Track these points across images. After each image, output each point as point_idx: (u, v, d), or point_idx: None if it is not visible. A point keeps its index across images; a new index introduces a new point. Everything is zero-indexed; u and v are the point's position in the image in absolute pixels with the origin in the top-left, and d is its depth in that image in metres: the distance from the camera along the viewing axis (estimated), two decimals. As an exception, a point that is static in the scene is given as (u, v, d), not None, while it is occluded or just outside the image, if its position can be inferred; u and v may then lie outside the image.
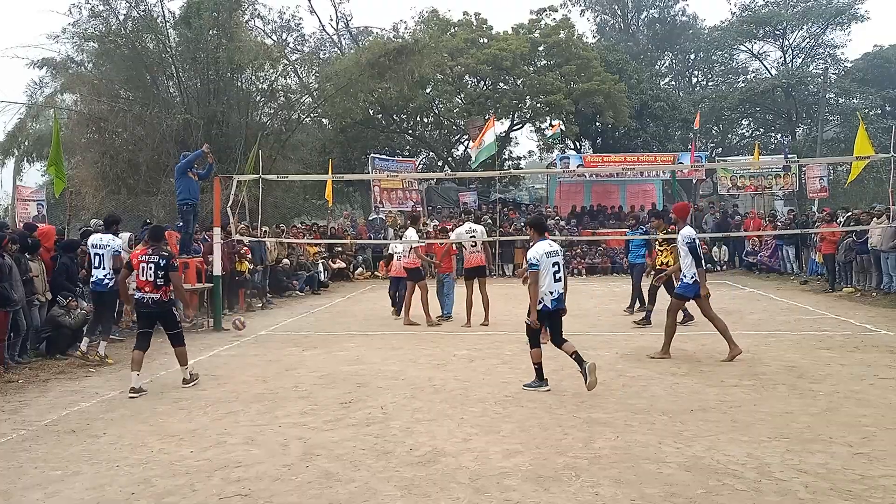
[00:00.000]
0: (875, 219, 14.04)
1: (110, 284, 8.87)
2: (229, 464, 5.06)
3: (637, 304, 12.45)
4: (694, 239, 8.46)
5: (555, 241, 7.54)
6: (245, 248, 14.43)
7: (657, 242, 11.61)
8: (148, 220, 15.50)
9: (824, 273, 16.33)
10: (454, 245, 12.63)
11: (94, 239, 9.19)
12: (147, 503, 4.40)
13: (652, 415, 6.09)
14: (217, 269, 11.81)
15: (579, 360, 6.80)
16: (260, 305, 14.78)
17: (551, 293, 6.97)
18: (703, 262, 8.64)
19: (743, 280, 18.94)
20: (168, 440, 5.64)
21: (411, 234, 12.09)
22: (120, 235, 11.72)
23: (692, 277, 8.39)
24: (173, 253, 8.15)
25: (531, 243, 7.32)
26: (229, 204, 12.45)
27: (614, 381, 7.39)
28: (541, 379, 7.06)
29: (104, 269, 8.94)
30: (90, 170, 19.41)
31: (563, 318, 7.14)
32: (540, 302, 6.93)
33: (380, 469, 4.89)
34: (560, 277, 7.04)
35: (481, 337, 10.40)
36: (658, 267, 11.23)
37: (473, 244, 11.66)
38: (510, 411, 6.32)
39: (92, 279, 9.10)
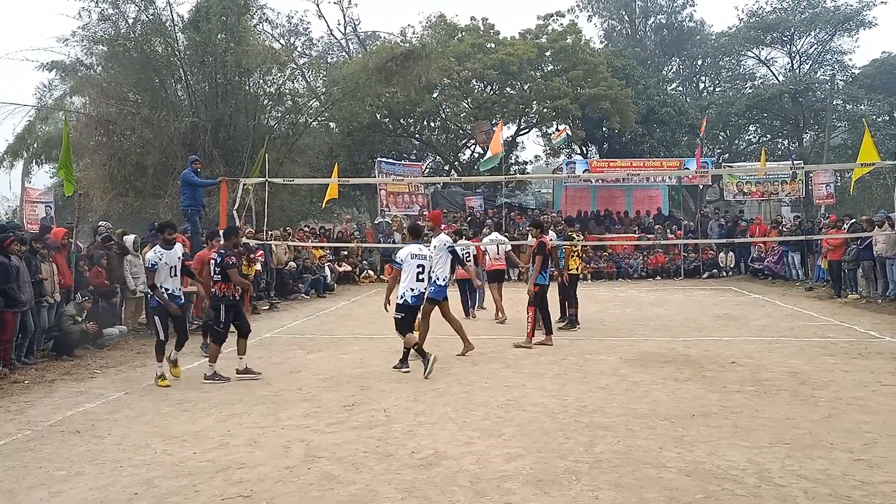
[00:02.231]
0: (877, 227, 14.00)
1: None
2: (232, 465, 5.10)
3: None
4: (452, 245, 9.21)
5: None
6: (259, 251, 14.51)
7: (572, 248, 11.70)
8: (155, 223, 15.59)
9: (830, 280, 16.28)
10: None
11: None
12: (149, 503, 4.45)
13: (653, 420, 6.10)
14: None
15: (421, 353, 7.96)
16: (266, 308, 14.84)
17: (412, 290, 8.05)
18: (465, 262, 10.18)
19: (748, 286, 18.91)
20: (171, 441, 5.69)
21: (496, 236, 13.86)
22: (125, 239, 11.86)
23: (444, 280, 8.85)
24: (231, 251, 8.08)
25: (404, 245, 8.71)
26: (236, 207, 12.53)
27: (617, 386, 7.40)
28: (404, 362, 8.20)
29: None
30: (98, 172, 19.53)
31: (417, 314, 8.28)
32: (401, 297, 8.06)
33: (381, 471, 4.92)
34: (423, 278, 8.12)
35: (484, 341, 10.41)
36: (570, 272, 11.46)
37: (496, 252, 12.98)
38: (512, 415, 6.34)
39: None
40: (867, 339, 10.14)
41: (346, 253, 21.05)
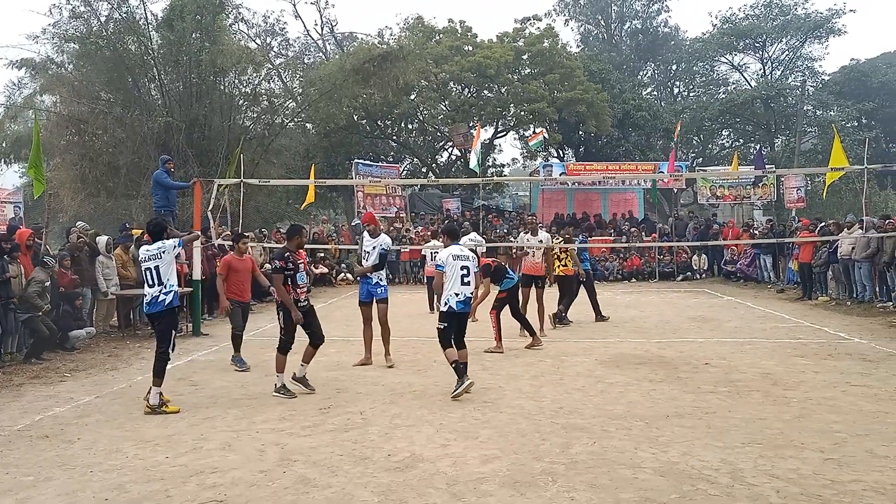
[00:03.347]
0: (846, 230, 14.26)
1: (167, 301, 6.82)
2: (205, 469, 5.03)
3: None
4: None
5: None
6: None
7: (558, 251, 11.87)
8: (127, 224, 15.39)
9: (800, 282, 16.55)
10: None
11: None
12: (121, 508, 4.38)
13: (629, 420, 6.15)
14: (197, 274, 11.73)
15: (464, 371, 7.08)
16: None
17: (457, 295, 7.30)
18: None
19: (721, 288, 19.14)
20: (143, 445, 5.60)
21: (474, 236, 13.58)
22: (97, 240, 11.67)
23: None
24: (281, 254, 7.40)
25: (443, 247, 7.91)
26: (210, 208, 12.38)
27: (592, 388, 7.44)
28: (462, 376, 7.10)
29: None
30: (69, 172, 19.21)
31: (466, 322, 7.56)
32: (445, 304, 7.32)
33: (357, 475, 4.89)
34: (468, 281, 7.38)
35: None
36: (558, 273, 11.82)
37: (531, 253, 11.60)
38: (489, 417, 6.34)
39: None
40: (837, 341, 10.32)
41: (322, 255, 20.92)
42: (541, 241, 11.32)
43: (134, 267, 11.88)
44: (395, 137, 32.99)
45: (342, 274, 21.34)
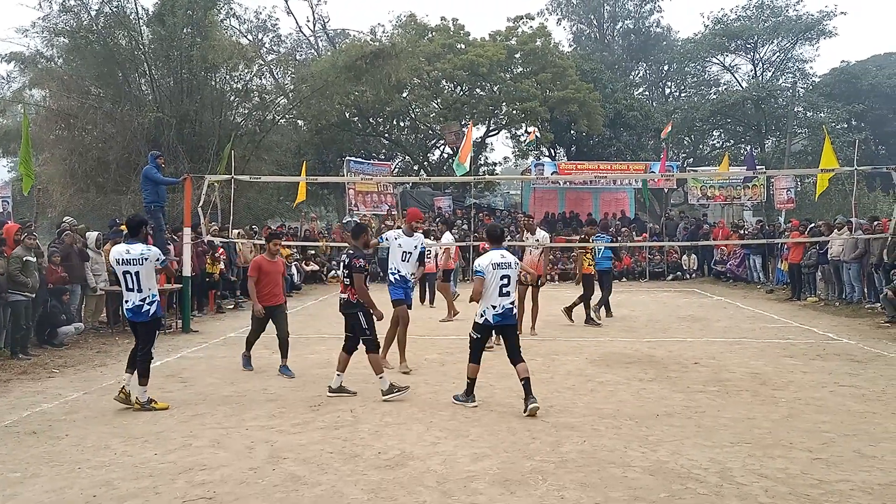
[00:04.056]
0: (836, 230, 14.36)
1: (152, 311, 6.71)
2: (194, 466, 5.01)
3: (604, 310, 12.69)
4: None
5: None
6: (221, 250, 14.36)
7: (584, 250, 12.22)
8: (117, 220, 15.30)
9: (789, 282, 16.65)
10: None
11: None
12: (109, 505, 4.35)
13: (618, 419, 6.16)
14: (187, 270, 11.67)
15: (528, 391, 6.41)
16: (231, 307, 14.65)
17: (493, 307, 6.56)
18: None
19: (711, 288, 19.23)
20: (132, 442, 5.57)
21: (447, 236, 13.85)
22: (87, 235, 11.58)
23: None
24: (360, 252, 7.13)
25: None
26: (200, 204, 12.33)
27: (583, 387, 7.46)
28: (469, 394, 6.70)
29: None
30: (58, 167, 19.08)
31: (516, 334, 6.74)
32: (480, 315, 6.65)
33: (347, 472, 4.88)
34: (508, 291, 6.61)
35: (452, 341, 10.41)
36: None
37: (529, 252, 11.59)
38: (479, 415, 6.35)
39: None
40: (825, 341, 10.39)
41: (313, 252, 20.87)
42: (538, 241, 11.35)
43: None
44: (386, 135, 32.93)
45: (333, 271, 21.29)
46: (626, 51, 42.14)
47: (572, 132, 32.90)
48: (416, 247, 8.33)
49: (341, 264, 7.22)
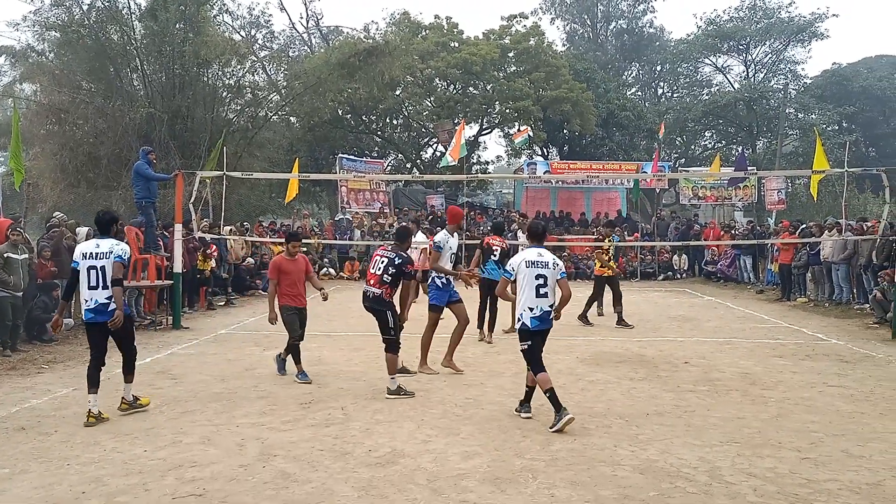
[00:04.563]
0: (826, 232, 14.45)
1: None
2: (184, 463, 5.00)
3: (596, 307, 12.76)
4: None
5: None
6: (213, 247, 14.32)
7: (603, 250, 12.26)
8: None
9: (780, 283, 16.74)
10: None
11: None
12: (98, 502, 4.33)
13: (609, 418, 6.19)
14: (178, 267, 11.63)
15: (528, 398, 6.25)
16: (222, 304, 14.61)
17: (531, 309, 6.09)
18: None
19: (702, 288, 19.31)
20: (121, 438, 5.55)
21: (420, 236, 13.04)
22: (77, 231, 11.51)
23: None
24: (410, 258, 7.19)
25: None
26: (192, 200, 12.28)
27: (573, 385, 7.48)
28: (559, 409, 5.93)
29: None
30: (49, 162, 18.95)
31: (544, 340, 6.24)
32: (519, 319, 6.16)
33: (337, 470, 4.88)
34: (545, 293, 6.08)
35: (443, 340, 10.40)
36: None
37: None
38: (470, 413, 6.36)
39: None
40: (815, 342, 10.45)
41: (305, 249, 20.80)
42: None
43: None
44: (379, 133, 32.89)
45: (324, 269, 21.26)
46: (619, 51, 42.24)
47: (565, 131, 32.95)
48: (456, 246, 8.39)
49: (385, 261, 7.04)
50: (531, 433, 5.74)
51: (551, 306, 6.13)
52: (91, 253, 6.14)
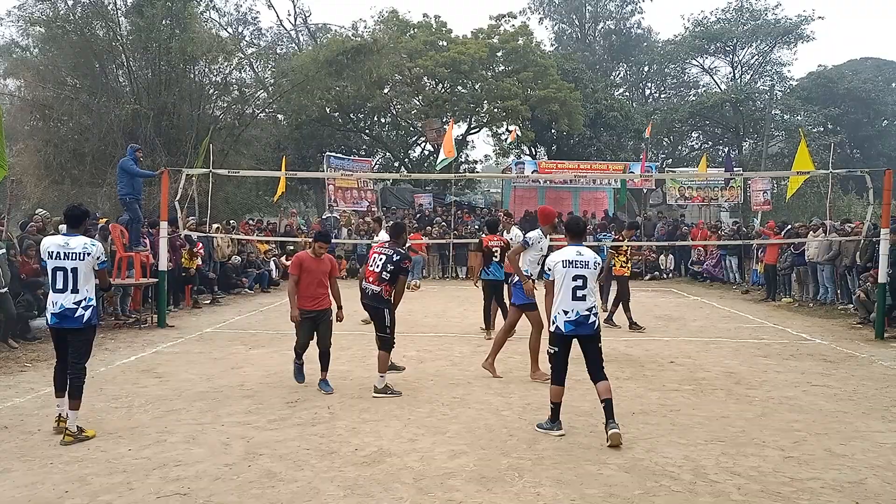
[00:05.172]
0: (812, 232, 14.58)
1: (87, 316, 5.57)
2: (168, 462, 4.96)
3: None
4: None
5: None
6: (200, 245, 14.24)
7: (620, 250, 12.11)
8: (97, 213, 15.10)
9: (765, 283, 16.87)
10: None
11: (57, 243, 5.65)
12: (81, 501, 4.29)
13: (595, 417, 6.20)
14: (163, 265, 11.55)
15: (610, 415, 5.54)
16: (208, 302, 14.52)
17: (565, 312, 5.70)
18: None
19: (688, 288, 19.41)
20: (105, 437, 5.50)
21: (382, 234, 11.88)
22: (59, 228, 11.38)
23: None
24: (407, 254, 7.12)
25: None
26: (177, 198, 12.20)
27: (560, 385, 7.48)
28: (554, 420, 5.79)
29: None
30: (33, 158, 18.79)
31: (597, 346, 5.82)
32: (553, 322, 5.78)
33: (324, 469, 4.86)
34: (583, 295, 5.67)
35: (431, 339, 10.43)
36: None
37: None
38: (457, 412, 6.36)
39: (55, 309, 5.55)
40: (799, 341, 10.54)
41: (291, 248, 20.74)
42: (511, 239, 11.37)
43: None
44: (367, 131, 32.84)
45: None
46: (606, 51, 42.41)
47: (553, 131, 33.05)
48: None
49: (383, 258, 6.95)
50: (518, 432, 5.75)
51: (590, 310, 5.66)
52: (58, 252, 5.51)
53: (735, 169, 24.19)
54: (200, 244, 14.36)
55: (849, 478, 4.78)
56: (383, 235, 12.97)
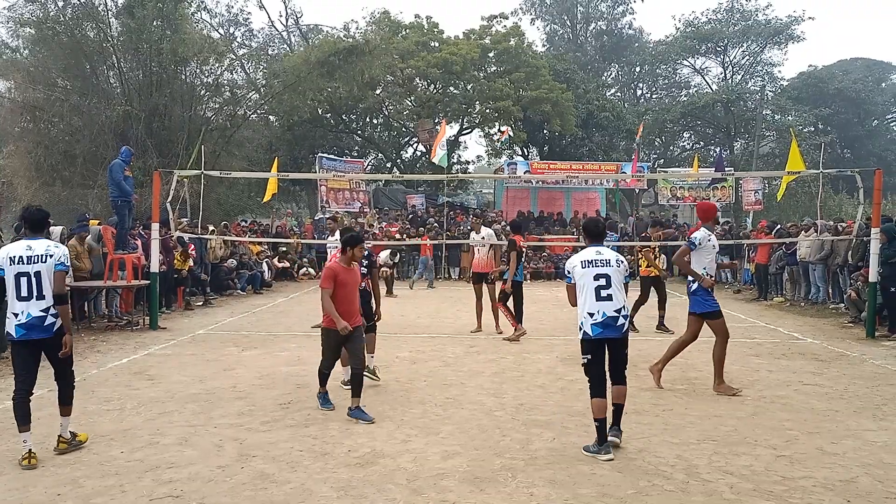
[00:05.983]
0: (803, 232, 14.65)
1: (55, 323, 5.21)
2: (161, 464, 4.94)
3: None
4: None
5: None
6: (192, 247, 14.20)
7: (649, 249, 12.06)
8: (87, 214, 15.03)
9: (756, 283, 16.94)
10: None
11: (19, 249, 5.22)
12: (73, 505, 4.27)
13: (588, 417, 6.16)
14: (154, 266, 11.50)
15: (616, 420, 5.46)
16: (200, 304, 14.48)
17: (591, 315, 5.44)
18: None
19: (680, 288, 19.34)
20: (98, 440, 5.48)
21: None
22: (51, 230, 11.32)
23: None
24: (371, 253, 7.48)
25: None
26: (169, 199, 12.16)
27: (553, 385, 7.51)
28: (602, 442, 5.24)
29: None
30: (23, 160, 18.68)
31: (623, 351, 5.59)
32: (580, 328, 5.51)
33: (317, 470, 4.86)
34: (609, 294, 5.38)
35: (424, 340, 10.43)
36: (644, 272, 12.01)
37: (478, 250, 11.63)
38: (450, 413, 6.36)
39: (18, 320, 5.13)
40: (790, 341, 10.59)
41: (284, 249, 20.71)
42: (483, 238, 11.48)
43: (87, 258, 11.57)
44: (359, 132, 32.82)
45: (304, 269, 21.17)
46: (598, 52, 42.53)
47: (545, 132, 33.14)
48: None
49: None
50: (510, 432, 5.75)
51: (618, 311, 5.36)
52: (21, 257, 5.13)
53: (727, 169, 24.29)
54: (193, 246, 14.32)
55: (840, 476, 4.80)
56: (486, 231, 12.67)
